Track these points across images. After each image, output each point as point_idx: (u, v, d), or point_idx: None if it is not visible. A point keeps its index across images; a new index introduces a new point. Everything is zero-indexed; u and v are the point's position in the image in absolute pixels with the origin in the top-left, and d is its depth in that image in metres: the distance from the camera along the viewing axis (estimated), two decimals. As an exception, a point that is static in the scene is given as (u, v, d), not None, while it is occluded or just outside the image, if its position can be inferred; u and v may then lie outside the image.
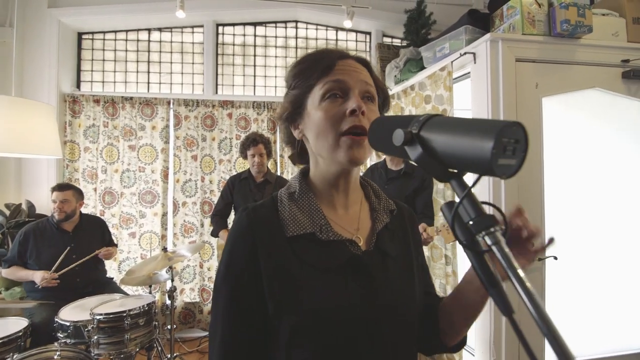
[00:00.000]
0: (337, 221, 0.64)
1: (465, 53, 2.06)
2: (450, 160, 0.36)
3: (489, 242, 0.34)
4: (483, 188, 1.95)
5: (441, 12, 3.09)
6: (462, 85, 2.32)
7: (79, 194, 2.42)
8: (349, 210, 0.67)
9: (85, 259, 2.24)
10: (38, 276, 2.12)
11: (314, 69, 0.61)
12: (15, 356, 1.51)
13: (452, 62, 2.17)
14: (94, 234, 2.46)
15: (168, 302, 2.26)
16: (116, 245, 2.67)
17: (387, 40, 3.43)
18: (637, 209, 2.14)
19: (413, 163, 0.39)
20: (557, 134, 2.05)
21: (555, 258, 1.95)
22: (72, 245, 2.31)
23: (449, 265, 2.22)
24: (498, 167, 0.32)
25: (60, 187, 2.33)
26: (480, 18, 2.21)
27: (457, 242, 1.94)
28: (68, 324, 1.82)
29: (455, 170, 0.38)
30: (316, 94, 0.60)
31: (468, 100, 2.33)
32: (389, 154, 0.47)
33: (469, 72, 2.17)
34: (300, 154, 0.71)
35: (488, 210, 0.38)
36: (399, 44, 3.26)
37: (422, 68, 2.59)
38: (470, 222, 0.35)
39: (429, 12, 2.97)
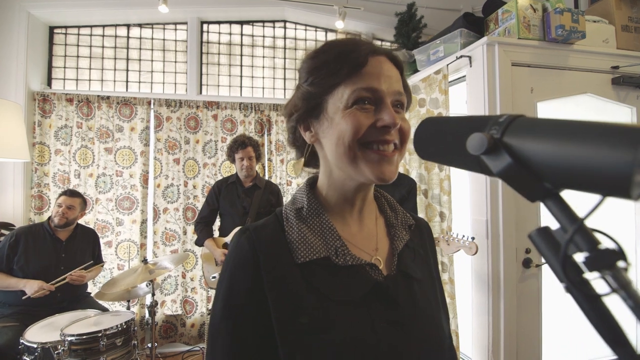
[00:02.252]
0: (353, 241, 0.55)
1: (461, 56, 2.03)
2: (554, 175, 0.28)
3: (613, 284, 0.25)
4: (480, 194, 1.91)
5: (431, 16, 3.07)
6: (455, 89, 2.29)
7: (85, 204, 2.32)
8: (363, 226, 0.58)
9: (59, 280, 2.07)
10: (34, 286, 1.96)
11: (339, 63, 0.50)
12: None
13: (447, 65, 2.13)
14: (86, 247, 2.31)
15: (148, 317, 2.09)
16: (103, 263, 2.49)
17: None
18: (626, 214, 2.16)
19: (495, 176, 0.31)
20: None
21: (552, 264, 1.93)
22: (62, 255, 2.16)
23: (446, 272, 2.16)
24: (635, 186, 0.24)
25: (70, 193, 2.24)
26: (474, 22, 2.19)
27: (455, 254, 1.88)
28: (35, 345, 1.64)
29: (550, 187, 0.29)
30: (341, 97, 0.50)
31: (459, 103, 2.30)
32: (449, 164, 0.38)
33: (463, 76, 2.14)
34: (308, 158, 0.61)
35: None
36: (390, 47, 3.22)
37: (415, 71, 2.55)
38: (584, 257, 0.27)
39: (419, 16, 2.94)
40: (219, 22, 3.17)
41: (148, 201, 2.89)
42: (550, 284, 1.96)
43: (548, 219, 0.28)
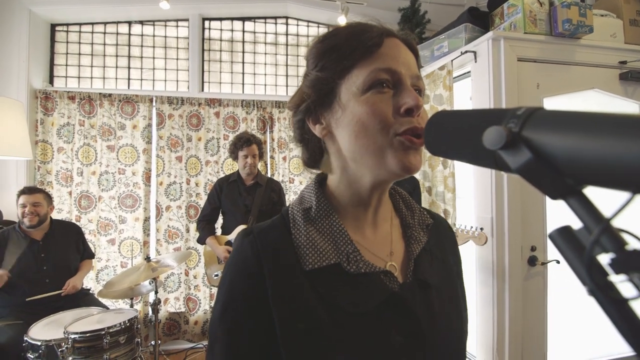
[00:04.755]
0: (367, 245, 0.51)
1: (466, 51, 2.00)
2: (577, 171, 0.26)
3: (643, 287, 0.24)
4: (485, 191, 1.89)
5: (435, 11, 3.04)
6: (459, 85, 2.26)
7: (49, 198, 2.23)
8: (378, 229, 0.53)
9: (53, 294, 2.03)
10: None
11: (352, 45, 0.46)
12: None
13: (452, 60, 2.11)
14: (68, 242, 2.26)
15: (151, 314, 2.09)
16: (93, 256, 2.49)
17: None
18: (634, 211, 2.13)
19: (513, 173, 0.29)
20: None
21: (558, 262, 1.91)
22: (42, 255, 2.11)
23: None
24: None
25: (28, 190, 2.14)
26: (479, 16, 2.16)
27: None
28: (39, 343, 1.65)
29: (573, 183, 0.28)
30: (356, 81, 0.46)
31: (464, 100, 2.27)
32: (462, 160, 0.36)
33: (468, 72, 2.11)
34: (315, 156, 0.56)
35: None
36: (401, 31, 3.19)
37: (419, 67, 2.52)
38: (610, 259, 0.25)
39: (423, 11, 2.91)
40: (220, 19, 3.15)
41: (151, 199, 2.89)
42: (556, 282, 1.94)
43: (554, 217, 0.26)
